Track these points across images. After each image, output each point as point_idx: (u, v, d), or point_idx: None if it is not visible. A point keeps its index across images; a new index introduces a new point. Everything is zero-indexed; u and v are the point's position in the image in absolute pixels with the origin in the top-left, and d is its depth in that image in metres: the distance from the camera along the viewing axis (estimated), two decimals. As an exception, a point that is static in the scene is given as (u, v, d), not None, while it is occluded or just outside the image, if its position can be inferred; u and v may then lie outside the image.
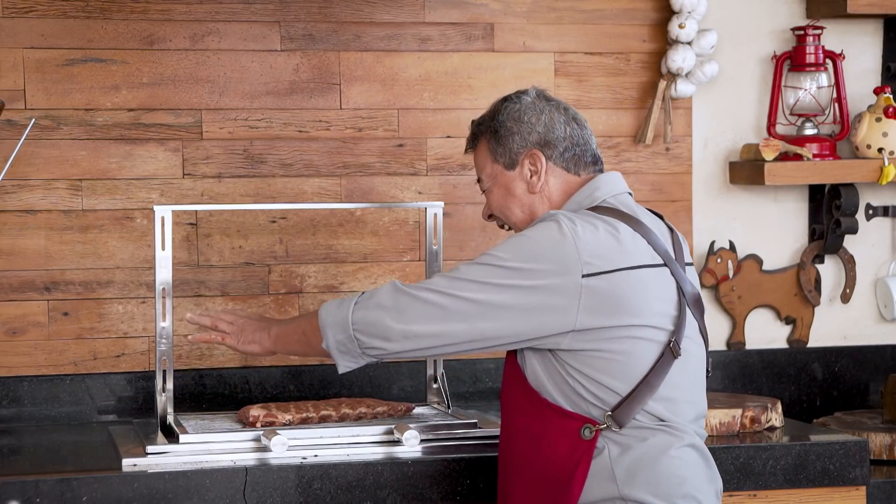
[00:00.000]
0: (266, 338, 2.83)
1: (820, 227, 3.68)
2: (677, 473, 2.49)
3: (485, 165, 2.70)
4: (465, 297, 2.51)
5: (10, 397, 3.26)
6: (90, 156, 3.31)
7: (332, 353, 2.64)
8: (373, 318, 2.57)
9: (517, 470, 2.56)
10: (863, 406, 3.70)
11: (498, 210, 2.70)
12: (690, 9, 3.50)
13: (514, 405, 2.58)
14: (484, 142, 2.71)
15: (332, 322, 2.62)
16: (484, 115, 2.74)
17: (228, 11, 3.36)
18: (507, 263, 2.49)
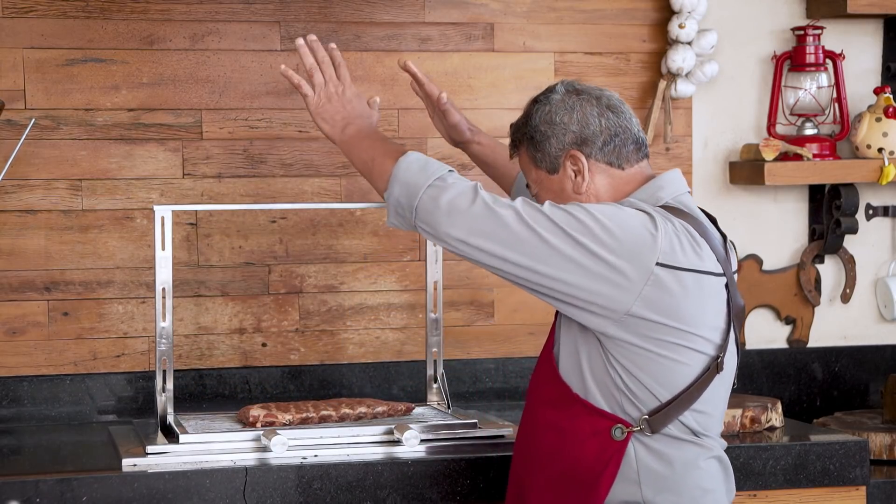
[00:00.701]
0: (339, 131, 2.72)
1: (820, 227, 3.68)
2: (701, 485, 2.47)
3: (529, 171, 2.62)
4: (537, 232, 2.41)
5: (10, 397, 3.26)
6: (90, 156, 3.31)
7: (388, 206, 2.55)
8: (437, 214, 2.48)
9: (541, 464, 2.51)
10: (863, 406, 3.70)
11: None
12: (690, 9, 3.50)
13: (543, 398, 2.52)
14: (524, 148, 2.62)
15: (404, 181, 2.53)
16: (519, 120, 2.63)
17: (228, 11, 3.36)
18: (591, 222, 2.39)
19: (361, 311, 3.45)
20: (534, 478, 2.52)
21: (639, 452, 2.44)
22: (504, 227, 2.43)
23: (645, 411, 2.43)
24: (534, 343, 3.53)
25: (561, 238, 2.39)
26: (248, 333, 3.39)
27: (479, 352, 3.51)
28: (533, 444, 2.54)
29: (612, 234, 2.38)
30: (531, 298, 3.52)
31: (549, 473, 2.49)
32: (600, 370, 2.44)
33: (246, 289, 3.39)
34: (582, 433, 2.45)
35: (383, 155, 2.62)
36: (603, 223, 2.39)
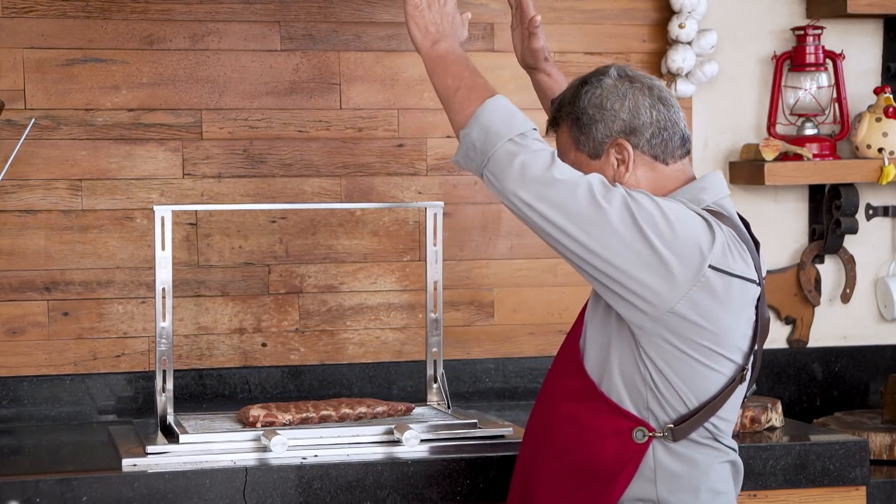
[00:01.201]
0: (429, 43, 2.58)
1: (820, 227, 3.68)
2: (714, 487, 2.47)
3: (567, 152, 2.53)
4: (604, 210, 2.34)
5: (10, 397, 3.26)
6: (90, 156, 3.31)
7: (460, 142, 2.46)
8: (509, 171, 2.38)
9: (554, 455, 2.48)
10: (863, 406, 3.70)
11: None
12: (690, 9, 3.50)
13: (564, 391, 2.49)
14: (566, 127, 2.54)
15: (486, 126, 2.42)
16: (563, 97, 2.56)
17: (228, 11, 3.36)
18: (656, 213, 2.34)
19: (361, 311, 3.45)
20: (545, 468, 2.50)
21: (657, 453, 2.43)
22: (573, 199, 2.35)
23: (671, 415, 2.41)
24: (534, 343, 3.53)
25: (625, 222, 2.34)
26: (248, 333, 3.39)
27: (479, 352, 3.51)
28: (548, 435, 2.51)
29: (674, 229, 2.35)
30: (531, 298, 3.53)
31: (562, 465, 2.47)
32: (630, 367, 2.41)
33: (246, 289, 3.39)
34: (602, 431, 2.43)
35: (470, 88, 2.48)
36: (667, 217, 2.35)
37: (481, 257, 3.51)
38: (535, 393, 3.46)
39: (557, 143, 2.56)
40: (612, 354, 2.43)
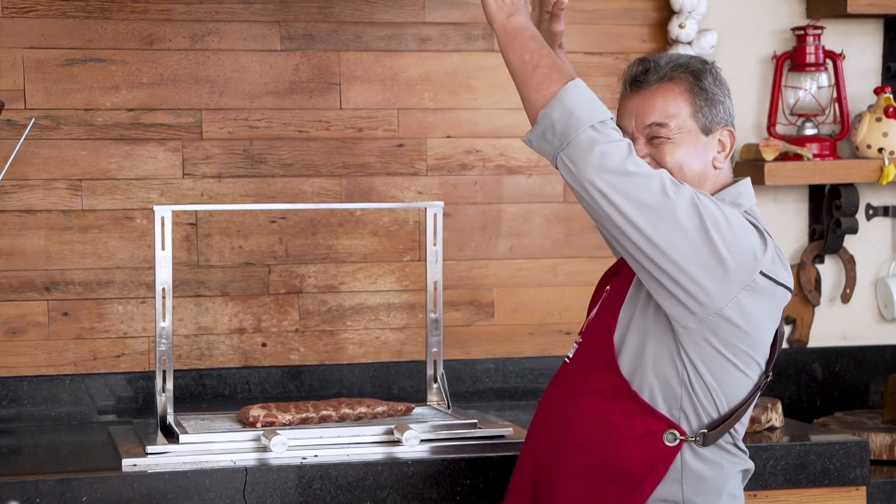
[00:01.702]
0: (504, 16, 2.49)
1: (820, 227, 3.68)
2: (733, 492, 2.50)
3: (677, 114, 2.50)
4: (674, 205, 2.35)
5: (10, 397, 3.26)
6: (90, 156, 3.31)
7: (537, 121, 2.41)
8: (588, 158, 2.35)
9: (578, 451, 2.47)
10: (863, 406, 3.70)
11: (675, 164, 2.48)
12: (690, 9, 3.50)
13: (592, 386, 2.47)
14: (684, 90, 2.50)
15: (569, 109, 2.38)
16: (677, 59, 2.53)
17: (228, 11, 3.36)
18: (720, 215, 2.37)
19: (361, 311, 3.45)
20: (565, 463, 2.48)
21: (685, 456, 2.44)
22: (646, 192, 2.35)
23: (702, 419, 2.43)
24: (534, 343, 3.53)
25: (692, 219, 2.36)
26: (248, 333, 3.39)
27: (479, 352, 3.51)
28: (570, 429, 2.49)
29: (734, 232, 2.38)
30: (531, 298, 3.53)
31: (587, 462, 2.46)
32: (667, 367, 2.42)
33: (246, 289, 3.39)
34: (632, 430, 2.43)
35: (550, 67, 2.43)
36: (728, 219, 2.38)
37: (481, 257, 3.51)
38: (535, 393, 3.46)
39: (665, 97, 2.52)
40: (648, 353, 2.44)
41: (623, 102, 2.56)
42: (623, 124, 2.53)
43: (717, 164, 2.51)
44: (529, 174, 3.53)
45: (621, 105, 2.56)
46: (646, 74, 2.53)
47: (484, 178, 3.51)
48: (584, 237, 3.54)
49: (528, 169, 3.52)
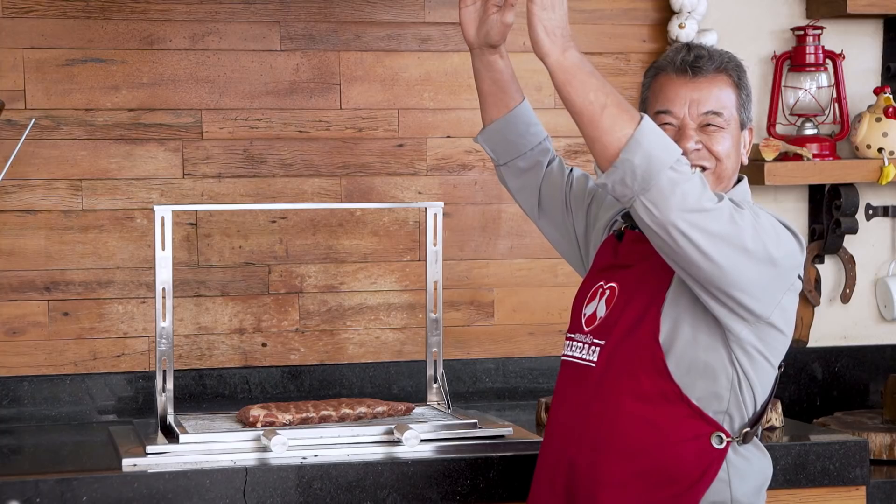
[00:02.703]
0: (559, 51, 2.37)
1: (820, 227, 3.68)
2: (764, 484, 2.53)
3: (730, 105, 2.54)
4: (741, 231, 2.34)
5: (10, 397, 3.26)
6: (90, 156, 3.31)
7: (613, 168, 2.31)
8: (671, 200, 2.29)
9: (625, 457, 2.44)
10: (863, 406, 3.70)
11: (725, 153, 2.52)
12: (690, 9, 3.50)
13: (635, 390, 2.44)
14: (733, 83, 2.56)
15: (648, 152, 2.29)
16: (724, 55, 2.57)
17: (228, 11, 3.36)
18: (768, 225, 2.39)
19: (361, 311, 3.45)
20: (610, 469, 2.45)
21: (729, 455, 2.46)
22: (718, 224, 2.33)
23: (744, 418, 2.46)
24: (534, 343, 3.53)
25: (757, 243, 2.36)
26: (248, 333, 3.39)
27: (479, 352, 3.51)
28: (614, 435, 2.46)
29: (782, 240, 2.40)
30: (531, 298, 3.53)
31: (635, 468, 2.44)
32: (719, 371, 2.43)
33: (246, 289, 3.39)
34: (681, 434, 2.43)
35: (618, 106, 2.32)
36: (776, 230, 2.40)
37: (481, 257, 3.51)
38: (535, 393, 3.46)
39: (720, 88, 2.54)
40: (699, 358, 2.44)
41: (674, 87, 2.54)
42: (675, 110, 2.53)
43: (744, 159, 2.58)
44: (529, 174, 3.53)
45: (671, 89, 2.54)
46: (700, 61, 2.53)
47: (484, 178, 3.51)
48: (584, 237, 3.54)
49: (528, 169, 3.52)
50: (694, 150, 2.51)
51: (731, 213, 2.35)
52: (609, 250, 2.64)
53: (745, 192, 2.58)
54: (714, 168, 2.53)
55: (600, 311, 2.55)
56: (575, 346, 2.58)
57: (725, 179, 2.54)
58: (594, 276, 2.63)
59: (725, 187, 2.54)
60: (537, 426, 3.17)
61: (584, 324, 2.58)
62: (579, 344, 2.57)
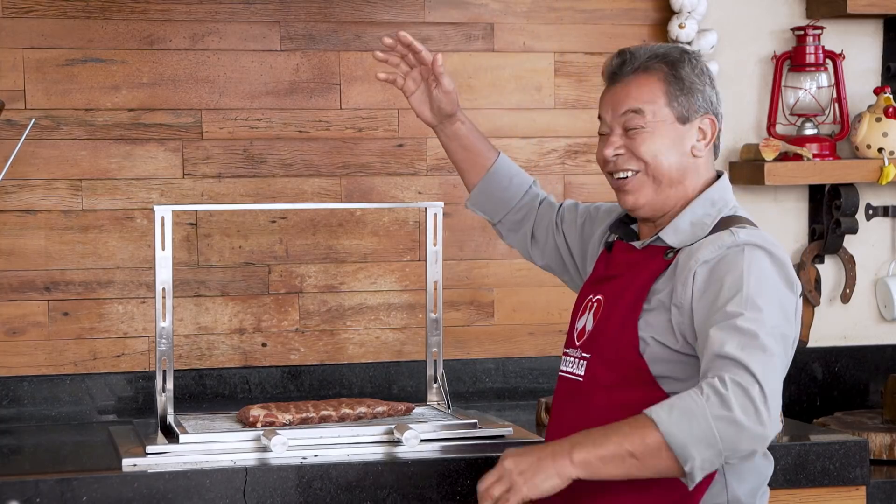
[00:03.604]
0: (568, 465, 2.30)
1: (820, 227, 3.68)
2: (762, 485, 2.53)
3: (652, 102, 2.49)
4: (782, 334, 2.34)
5: (10, 397, 3.26)
6: (90, 156, 3.31)
7: (693, 474, 2.27)
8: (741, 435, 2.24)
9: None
10: (863, 406, 3.70)
11: (650, 154, 2.49)
12: (690, 9, 3.50)
13: (625, 401, 2.42)
14: (659, 79, 2.49)
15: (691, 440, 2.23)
16: (655, 49, 2.52)
17: (228, 11, 3.36)
18: (778, 295, 2.37)
19: (361, 311, 3.45)
20: (610, 481, 2.39)
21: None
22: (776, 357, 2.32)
23: None
24: (533, 343, 3.53)
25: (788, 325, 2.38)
26: (248, 333, 3.39)
27: (479, 352, 3.51)
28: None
29: (788, 318, 2.38)
30: (531, 298, 3.53)
31: (630, 480, 2.38)
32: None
33: (246, 289, 3.39)
34: None
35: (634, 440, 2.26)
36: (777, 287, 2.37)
37: (481, 257, 3.51)
38: (535, 393, 3.46)
39: (630, 91, 2.51)
40: (682, 364, 2.42)
41: (602, 95, 2.56)
42: (602, 115, 2.55)
43: (697, 152, 2.51)
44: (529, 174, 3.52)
45: (601, 98, 2.57)
46: (622, 66, 2.52)
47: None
48: (584, 237, 3.54)
49: (528, 169, 3.52)
50: (612, 159, 2.51)
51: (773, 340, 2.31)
52: (601, 263, 2.65)
53: (725, 188, 2.53)
54: (644, 170, 2.50)
55: (588, 324, 2.56)
56: (568, 360, 2.59)
57: (662, 181, 2.50)
58: (585, 290, 2.64)
59: (676, 189, 2.50)
60: (537, 426, 3.17)
61: (576, 338, 2.58)
62: (571, 359, 2.57)
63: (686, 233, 2.49)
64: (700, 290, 2.39)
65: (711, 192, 2.51)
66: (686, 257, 2.44)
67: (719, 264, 2.40)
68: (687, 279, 2.41)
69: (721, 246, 2.41)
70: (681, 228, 2.50)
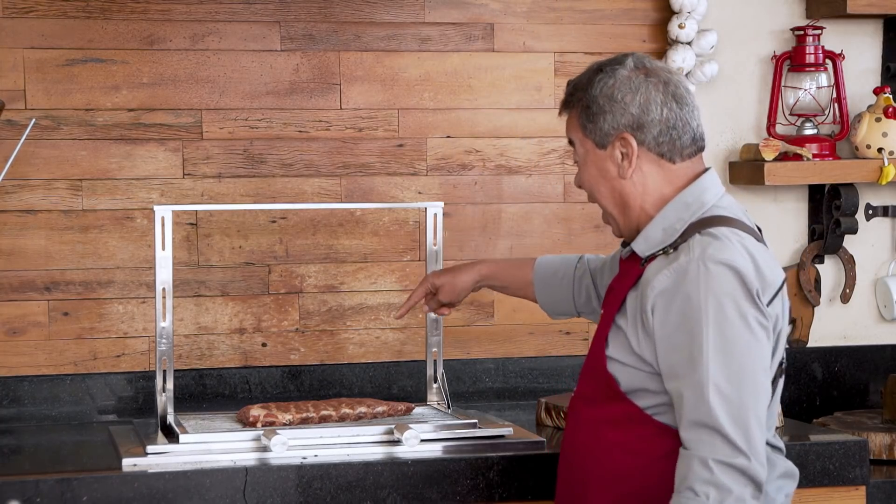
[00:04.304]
0: None
1: (820, 227, 3.68)
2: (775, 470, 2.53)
3: (575, 137, 2.51)
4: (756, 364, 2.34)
5: (10, 397, 3.26)
6: (90, 156, 3.31)
7: None
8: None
9: (609, 483, 2.43)
10: (863, 406, 3.70)
11: (588, 188, 2.52)
12: (690, 9, 3.50)
13: (607, 417, 2.43)
14: (577, 111, 2.49)
15: None
16: (578, 81, 2.50)
17: (228, 11, 3.36)
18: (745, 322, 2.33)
19: (361, 311, 3.45)
20: (600, 497, 2.44)
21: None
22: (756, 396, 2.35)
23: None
24: (534, 343, 3.53)
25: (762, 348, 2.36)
26: (248, 333, 3.39)
27: (479, 352, 3.51)
28: (597, 463, 2.45)
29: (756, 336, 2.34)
30: (531, 298, 3.53)
31: (621, 492, 2.42)
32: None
33: (246, 289, 3.39)
34: (656, 452, 2.40)
35: None
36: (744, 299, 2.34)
37: (481, 257, 3.50)
38: (535, 393, 3.47)
39: (568, 125, 2.54)
40: (648, 379, 2.40)
41: None
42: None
43: (624, 173, 2.46)
44: (529, 174, 3.53)
45: None
46: (563, 103, 2.55)
47: (484, 178, 3.51)
48: (584, 237, 3.54)
49: (528, 169, 3.52)
50: (579, 186, 2.57)
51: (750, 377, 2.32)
52: (614, 275, 2.67)
53: (705, 188, 2.47)
54: (597, 202, 2.52)
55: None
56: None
57: (610, 209, 2.50)
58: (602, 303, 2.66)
59: (631, 210, 2.48)
60: (537, 426, 3.17)
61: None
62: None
63: (656, 240, 2.46)
64: (661, 319, 2.36)
65: (685, 195, 2.46)
66: (648, 279, 2.40)
67: (676, 296, 2.35)
68: (647, 308, 2.38)
69: (675, 270, 2.36)
70: (650, 236, 2.46)
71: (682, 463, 2.32)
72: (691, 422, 2.31)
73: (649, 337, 2.38)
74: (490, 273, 3.00)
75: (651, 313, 2.36)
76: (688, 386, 2.31)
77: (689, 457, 2.30)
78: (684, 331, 2.32)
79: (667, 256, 2.41)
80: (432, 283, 3.01)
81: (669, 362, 2.35)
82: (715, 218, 2.43)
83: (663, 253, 2.43)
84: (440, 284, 3.01)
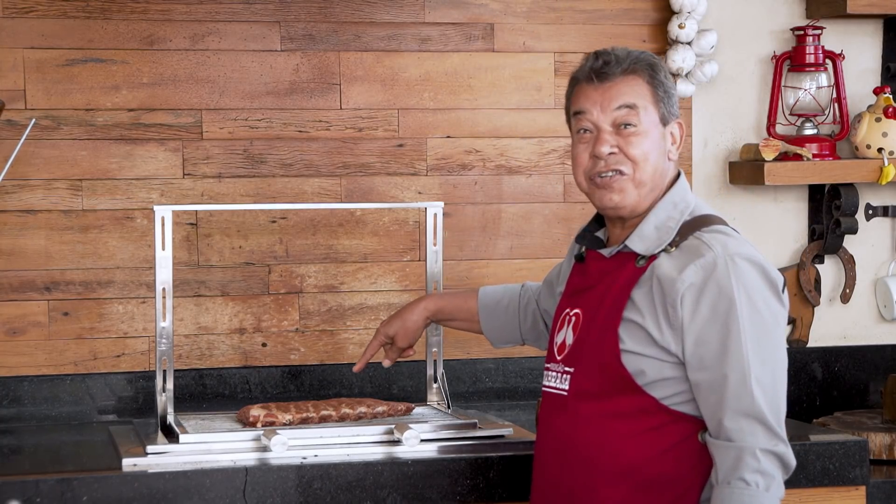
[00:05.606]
0: None
1: (820, 227, 3.68)
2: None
3: (644, 105, 2.52)
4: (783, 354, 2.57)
5: (10, 397, 3.26)
6: (90, 156, 3.31)
7: None
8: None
9: (621, 474, 2.45)
10: (863, 406, 3.70)
11: (642, 155, 2.51)
12: (690, 9, 3.50)
13: (615, 410, 2.46)
14: (645, 81, 2.53)
15: None
16: (639, 55, 2.55)
17: (228, 11, 3.36)
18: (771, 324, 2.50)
19: (361, 311, 3.45)
20: (610, 489, 2.45)
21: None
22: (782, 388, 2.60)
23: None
24: (534, 343, 3.53)
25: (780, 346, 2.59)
26: (248, 333, 3.39)
27: (479, 352, 3.51)
28: (605, 456, 2.47)
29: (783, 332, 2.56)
30: (531, 298, 3.52)
31: (633, 483, 2.44)
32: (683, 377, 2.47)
33: (246, 289, 3.39)
34: (668, 441, 2.44)
35: None
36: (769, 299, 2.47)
37: (481, 257, 3.51)
38: (535, 393, 3.46)
39: (629, 88, 2.53)
40: (665, 368, 2.45)
41: (585, 93, 2.56)
42: (587, 108, 2.54)
43: (672, 156, 2.56)
44: (529, 174, 3.53)
45: (582, 95, 2.57)
46: (607, 66, 2.54)
47: (484, 178, 3.51)
48: (583, 237, 3.54)
49: (528, 169, 3.52)
50: (606, 157, 2.52)
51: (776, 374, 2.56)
52: (575, 275, 2.66)
53: (685, 189, 2.56)
54: (632, 170, 2.52)
55: (569, 338, 2.57)
56: (551, 375, 2.60)
57: (646, 183, 2.53)
58: (563, 304, 2.65)
59: (652, 191, 2.53)
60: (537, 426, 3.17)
61: (556, 352, 2.60)
62: (554, 373, 2.59)
63: (651, 238, 2.51)
64: (690, 312, 2.42)
65: (672, 195, 2.55)
66: (669, 274, 2.44)
67: (707, 290, 2.42)
68: (675, 301, 2.43)
69: (703, 266, 2.43)
70: (646, 234, 2.52)
71: (725, 453, 2.40)
72: (735, 412, 2.43)
73: (674, 329, 2.43)
74: (437, 308, 3.02)
75: (679, 306, 2.42)
76: (725, 377, 2.42)
77: (735, 448, 2.40)
78: (718, 323, 2.41)
79: (669, 254, 2.48)
80: (385, 333, 3.03)
81: (699, 354, 2.42)
82: (709, 217, 2.52)
83: (664, 251, 2.48)
84: (393, 333, 3.03)
